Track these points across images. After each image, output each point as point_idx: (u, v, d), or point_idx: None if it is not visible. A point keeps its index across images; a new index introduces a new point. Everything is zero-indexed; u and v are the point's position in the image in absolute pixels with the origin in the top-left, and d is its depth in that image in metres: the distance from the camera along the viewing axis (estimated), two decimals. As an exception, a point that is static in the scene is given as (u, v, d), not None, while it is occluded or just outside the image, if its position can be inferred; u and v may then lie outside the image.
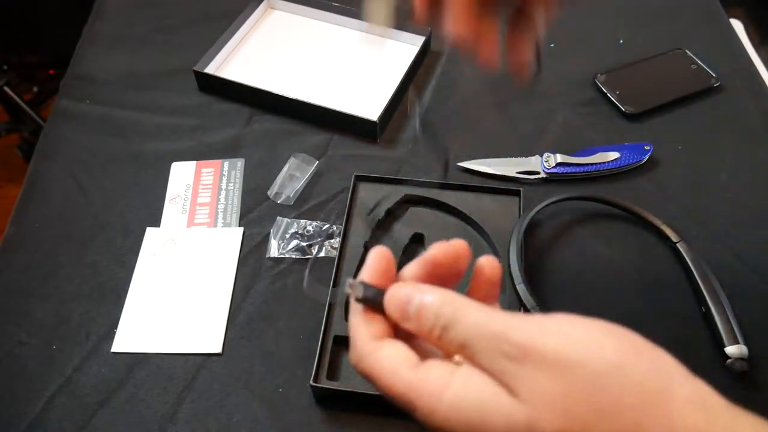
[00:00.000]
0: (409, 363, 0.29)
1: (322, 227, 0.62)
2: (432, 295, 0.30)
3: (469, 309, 0.29)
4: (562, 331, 0.27)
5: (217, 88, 0.74)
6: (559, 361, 0.26)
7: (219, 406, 0.52)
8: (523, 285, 0.55)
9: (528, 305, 0.54)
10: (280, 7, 0.84)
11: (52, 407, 0.52)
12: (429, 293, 0.30)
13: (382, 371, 0.29)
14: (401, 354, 0.30)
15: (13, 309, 0.58)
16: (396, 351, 0.30)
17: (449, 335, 0.29)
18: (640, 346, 0.27)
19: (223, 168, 0.68)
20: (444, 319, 0.29)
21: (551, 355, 0.26)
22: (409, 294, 0.30)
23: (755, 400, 0.52)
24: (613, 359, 0.26)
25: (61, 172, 0.68)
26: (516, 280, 0.56)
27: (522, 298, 0.54)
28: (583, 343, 0.26)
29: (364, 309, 0.32)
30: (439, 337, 0.29)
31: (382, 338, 0.31)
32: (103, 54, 0.80)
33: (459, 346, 0.29)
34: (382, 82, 0.74)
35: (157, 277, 0.60)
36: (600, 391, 0.25)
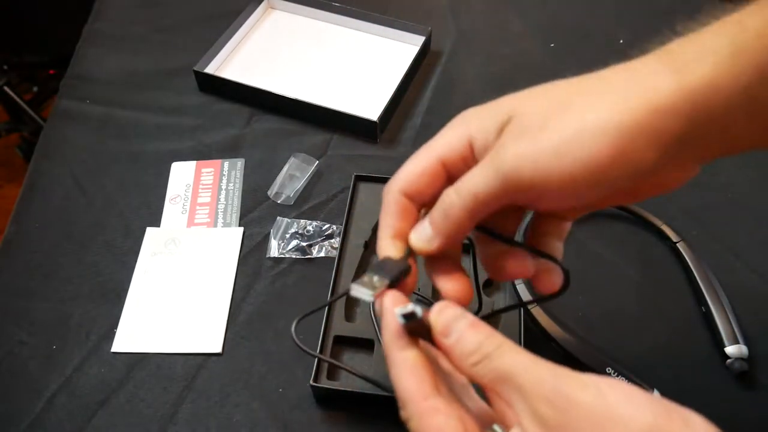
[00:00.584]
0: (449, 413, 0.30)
1: (322, 227, 0.62)
2: (480, 325, 0.31)
3: (515, 347, 0.30)
4: (599, 387, 0.27)
5: (217, 88, 0.74)
6: (604, 413, 0.27)
7: (219, 406, 0.52)
8: (524, 285, 0.55)
9: (528, 305, 0.54)
10: (280, 7, 0.84)
11: (52, 407, 0.52)
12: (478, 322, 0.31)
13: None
14: (452, 427, 0.30)
15: (13, 309, 0.58)
16: (449, 425, 0.30)
17: (488, 367, 0.29)
18: (671, 407, 0.27)
19: (223, 168, 0.68)
20: (488, 350, 0.30)
21: (588, 408, 0.27)
22: (457, 312, 0.32)
23: (755, 400, 0.52)
24: (649, 419, 0.26)
25: (61, 172, 0.68)
26: (516, 280, 0.55)
27: (522, 298, 0.54)
28: (622, 402, 0.27)
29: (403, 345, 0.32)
30: (476, 363, 0.30)
31: (434, 396, 0.31)
32: (103, 54, 0.80)
33: (493, 381, 0.29)
34: (382, 82, 0.74)
35: (157, 277, 0.60)
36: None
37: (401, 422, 0.31)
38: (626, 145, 0.29)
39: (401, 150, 0.69)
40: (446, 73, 0.77)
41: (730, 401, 0.52)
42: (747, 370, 0.52)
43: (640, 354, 0.54)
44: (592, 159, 0.29)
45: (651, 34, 0.36)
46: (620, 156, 0.29)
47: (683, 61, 0.29)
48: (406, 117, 0.72)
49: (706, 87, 0.28)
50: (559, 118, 0.30)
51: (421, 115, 0.72)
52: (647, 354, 0.54)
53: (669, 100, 0.28)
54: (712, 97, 0.28)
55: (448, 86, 0.76)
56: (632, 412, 0.26)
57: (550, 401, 0.27)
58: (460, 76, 0.77)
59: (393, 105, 0.71)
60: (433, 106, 0.73)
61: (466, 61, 0.79)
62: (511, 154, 0.31)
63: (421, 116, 0.72)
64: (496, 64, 0.78)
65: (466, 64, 0.78)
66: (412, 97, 0.74)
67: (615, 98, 0.29)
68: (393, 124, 0.71)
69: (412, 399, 0.31)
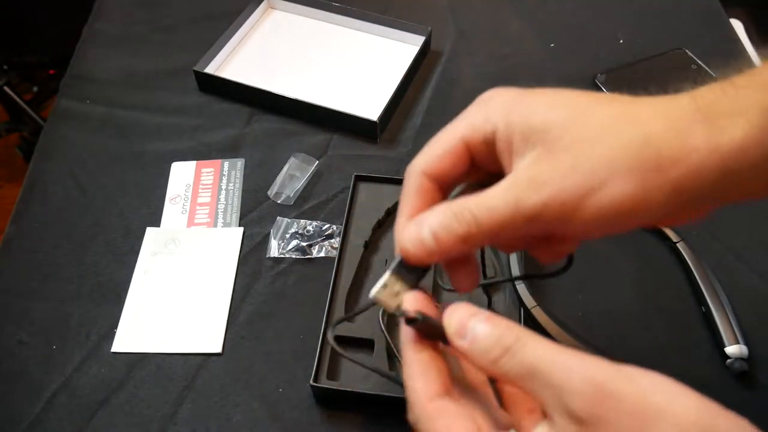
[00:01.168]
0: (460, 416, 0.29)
1: (322, 227, 0.62)
2: (495, 318, 0.30)
3: (536, 337, 0.28)
4: (636, 378, 0.26)
5: (217, 88, 0.74)
6: (645, 406, 0.25)
7: (219, 406, 0.52)
8: (524, 285, 0.55)
9: (528, 305, 0.54)
10: (280, 7, 0.84)
11: (52, 407, 0.52)
12: (493, 316, 0.30)
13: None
14: (461, 427, 0.29)
15: (13, 309, 0.58)
16: (456, 426, 0.29)
17: (510, 363, 0.28)
18: (713, 405, 0.26)
19: (223, 168, 0.68)
20: (507, 344, 0.28)
21: (626, 400, 0.25)
22: (471, 310, 0.30)
23: (755, 400, 0.52)
24: (693, 416, 0.25)
25: (61, 172, 0.68)
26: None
27: (522, 298, 0.54)
28: (664, 396, 0.26)
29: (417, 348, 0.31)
30: (495, 362, 0.28)
31: (441, 397, 0.30)
32: (103, 54, 0.80)
33: (517, 376, 0.28)
34: (382, 82, 0.74)
35: (157, 277, 0.60)
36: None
37: (409, 425, 0.31)
38: (653, 197, 0.29)
39: (401, 150, 0.69)
40: (446, 73, 0.77)
41: (730, 401, 0.52)
42: (747, 370, 0.52)
43: (640, 354, 0.54)
44: (615, 205, 0.29)
45: (651, 34, 0.36)
46: (644, 204, 0.29)
47: (717, 118, 0.29)
48: (406, 117, 0.72)
49: (737, 150, 0.29)
50: (594, 157, 0.30)
51: (421, 115, 0.72)
52: (647, 354, 0.54)
53: (703, 162, 0.29)
54: (741, 159, 0.29)
55: (448, 86, 0.76)
56: (677, 408, 0.25)
57: (583, 394, 0.25)
58: (460, 76, 0.77)
59: (393, 105, 0.71)
60: (433, 106, 0.73)
61: (466, 61, 0.79)
62: (536, 198, 0.30)
63: (421, 116, 0.72)
64: (496, 64, 0.78)
65: (466, 64, 0.78)
66: (412, 97, 0.74)
67: (652, 149, 0.29)
68: (393, 124, 0.71)
69: (419, 400, 0.30)
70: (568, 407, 0.26)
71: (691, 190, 0.29)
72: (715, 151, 0.29)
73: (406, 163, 0.68)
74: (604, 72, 0.75)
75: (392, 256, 0.58)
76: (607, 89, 0.73)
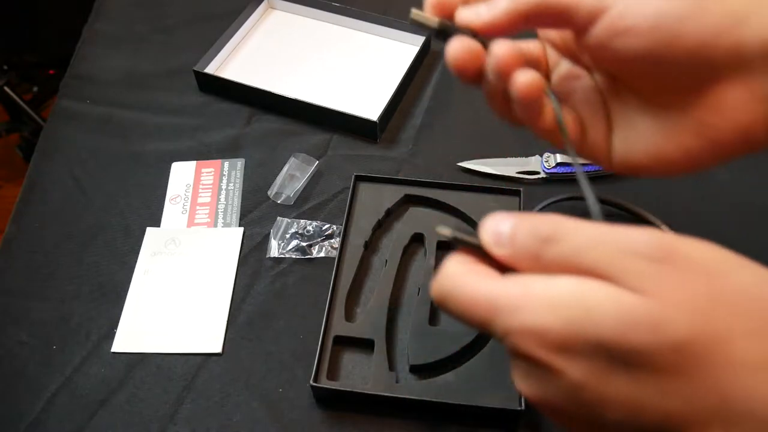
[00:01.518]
0: (491, 274, 0.27)
1: (322, 227, 0.62)
2: (528, 214, 0.27)
3: (574, 221, 0.26)
4: (701, 243, 0.25)
5: (217, 88, 0.74)
6: (707, 265, 0.24)
7: (219, 406, 0.52)
8: None
9: None
10: (280, 7, 0.84)
11: (52, 407, 0.52)
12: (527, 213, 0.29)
13: (462, 285, 0.27)
14: (483, 268, 0.27)
15: (13, 309, 0.58)
16: (476, 266, 0.27)
17: (553, 250, 0.25)
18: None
19: (223, 168, 0.68)
20: (545, 233, 0.26)
21: (699, 259, 0.24)
22: (502, 215, 0.28)
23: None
24: (764, 275, 0.24)
25: (61, 172, 0.68)
26: None
27: None
28: (729, 257, 0.24)
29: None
30: (538, 256, 0.26)
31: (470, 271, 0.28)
32: (103, 54, 0.80)
33: (566, 259, 0.25)
34: (382, 82, 0.74)
35: (157, 277, 0.60)
36: (751, 300, 0.23)
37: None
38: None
39: (401, 150, 0.69)
40: (446, 73, 0.77)
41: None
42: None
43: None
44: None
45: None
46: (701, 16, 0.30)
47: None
48: (406, 117, 0.72)
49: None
50: None
51: (421, 115, 0.72)
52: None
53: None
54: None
55: (448, 86, 0.75)
56: (744, 266, 0.24)
57: (644, 257, 0.23)
58: (460, 76, 0.77)
59: (393, 105, 0.71)
60: (433, 106, 0.73)
61: (466, 61, 0.78)
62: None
63: (421, 116, 0.72)
64: (496, 64, 0.78)
65: (466, 64, 0.78)
66: (412, 97, 0.74)
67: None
68: (393, 124, 0.71)
69: (444, 268, 0.28)
70: (635, 250, 0.24)
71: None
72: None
73: (407, 163, 0.69)
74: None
75: (392, 256, 0.59)
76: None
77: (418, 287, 0.57)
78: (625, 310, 0.23)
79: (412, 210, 0.62)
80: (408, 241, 0.60)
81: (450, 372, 0.52)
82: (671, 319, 0.23)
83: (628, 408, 0.23)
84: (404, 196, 0.62)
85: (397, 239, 0.60)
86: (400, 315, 0.56)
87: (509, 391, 0.50)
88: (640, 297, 0.23)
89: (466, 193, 0.63)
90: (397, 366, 0.53)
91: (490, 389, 0.50)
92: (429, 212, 0.62)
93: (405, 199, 0.63)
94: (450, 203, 0.62)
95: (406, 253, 0.59)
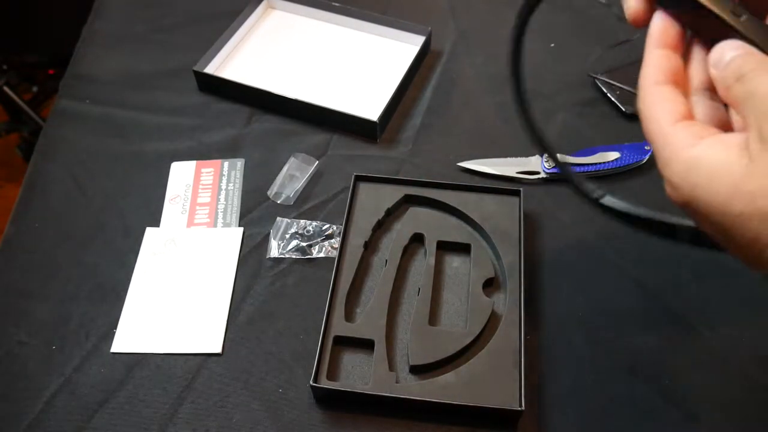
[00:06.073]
0: (672, 116, 0.31)
1: (322, 227, 0.62)
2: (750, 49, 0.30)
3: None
4: None
5: (217, 88, 0.74)
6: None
7: (219, 406, 0.52)
8: None
9: None
10: (280, 7, 0.84)
11: (52, 407, 0.52)
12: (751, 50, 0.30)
13: (649, 116, 0.31)
14: (669, 106, 0.31)
15: (13, 309, 0.58)
16: (668, 102, 0.31)
17: (737, 89, 0.29)
18: None
19: (223, 168, 0.68)
20: (743, 71, 0.29)
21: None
22: (736, 44, 0.30)
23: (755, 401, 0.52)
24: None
25: (61, 172, 0.68)
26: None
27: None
28: None
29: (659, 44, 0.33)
30: (728, 88, 0.29)
31: (664, 83, 0.32)
32: (103, 54, 0.80)
33: (744, 95, 0.29)
34: (382, 82, 0.74)
35: (157, 277, 0.60)
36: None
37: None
38: None
39: (401, 150, 0.69)
40: (446, 73, 0.77)
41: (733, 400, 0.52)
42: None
43: (640, 354, 0.54)
44: None
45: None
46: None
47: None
48: (406, 117, 0.72)
49: None
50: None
51: (421, 115, 0.72)
52: (647, 354, 0.54)
53: None
54: None
55: (448, 86, 0.76)
56: None
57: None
58: (460, 76, 0.77)
59: (393, 105, 0.71)
60: (433, 106, 0.73)
61: (466, 61, 0.79)
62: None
63: (421, 116, 0.72)
64: (496, 64, 0.78)
65: (466, 64, 0.78)
66: (412, 97, 0.74)
67: None
68: (393, 124, 0.71)
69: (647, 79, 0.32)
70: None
71: None
72: None
73: (407, 162, 0.69)
74: (604, 72, 0.75)
75: (392, 256, 0.59)
76: (607, 89, 0.73)
77: (418, 287, 0.57)
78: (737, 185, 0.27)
79: (411, 210, 0.62)
80: (408, 241, 0.60)
81: (450, 372, 0.52)
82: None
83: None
84: (404, 196, 0.62)
85: (397, 239, 0.60)
86: (400, 315, 0.56)
87: (509, 391, 0.50)
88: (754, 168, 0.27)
89: (466, 193, 0.63)
90: (397, 366, 0.53)
91: (490, 389, 0.50)
92: (429, 212, 0.62)
93: (405, 199, 0.63)
94: (450, 203, 0.62)
95: (406, 253, 0.59)
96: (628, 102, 0.72)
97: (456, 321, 0.56)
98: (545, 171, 0.65)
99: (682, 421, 0.51)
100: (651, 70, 0.33)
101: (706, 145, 0.29)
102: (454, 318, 0.56)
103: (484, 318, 0.54)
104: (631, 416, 0.51)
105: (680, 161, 0.29)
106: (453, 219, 0.62)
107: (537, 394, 0.52)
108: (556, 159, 0.43)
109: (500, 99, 0.73)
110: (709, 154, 0.29)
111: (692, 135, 0.29)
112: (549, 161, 0.66)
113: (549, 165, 0.65)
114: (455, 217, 0.62)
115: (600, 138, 0.69)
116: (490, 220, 0.60)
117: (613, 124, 0.71)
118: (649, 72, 0.33)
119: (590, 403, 0.52)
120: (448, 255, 0.60)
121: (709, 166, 0.28)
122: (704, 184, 0.28)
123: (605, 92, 0.73)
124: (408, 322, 0.55)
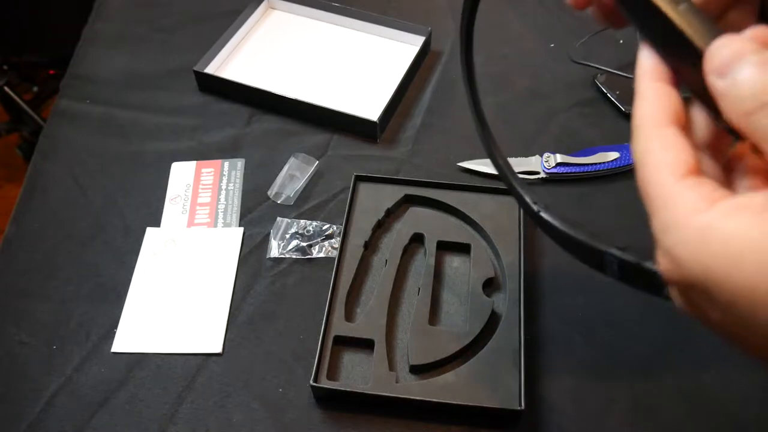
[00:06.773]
0: (677, 169, 0.25)
1: (322, 227, 0.62)
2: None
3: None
4: None
5: (217, 88, 0.74)
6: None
7: (219, 406, 0.52)
8: None
9: None
10: (280, 7, 0.84)
11: (52, 407, 0.52)
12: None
13: (647, 164, 0.26)
14: (673, 156, 0.25)
15: (13, 309, 0.58)
16: (672, 150, 0.25)
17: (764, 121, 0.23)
18: None
19: (223, 168, 0.68)
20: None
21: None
22: (746, 47, 0.24)
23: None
24: None
25: (61, 172, 0.68)
26: None
27: None
28: None
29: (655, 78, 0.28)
30: (750, 114, 0.23)
31: (667, 125, 0.26)
32: (103, 54, 0.80)
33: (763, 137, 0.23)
34: (382, 82, 0.74)
35: (157, 277, 0.60)
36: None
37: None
38: None
39: (401, 150, 0.69)
40: (446, 73, 0.77)
41: (735, 400, 0.52)
42: (747, 370, 0.52)
43: (641, 354, 0.54)
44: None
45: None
46: None
47: None
48: (406, 117, 0.72)
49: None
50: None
51: (421, 115, 0.72)
52: (647, 354, 0.54)
53: None
54: None
55: (448, 86, 0.76)
56: None
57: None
58: (460, 76, 0.77)
59: (393, 105, 0.71)
60: (433, 106, 0.73)
61: (466, 61, 0.78)
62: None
63: (421, 116, 0.72)
64: (496, 64, 0.78)
65: (466, 64, 0.78)
66: (412, 97, 0.74)
67: None
68: (393, 124, 0.71)
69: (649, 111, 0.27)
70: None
71: None
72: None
73: (406, 163, 0.69)
74: (604, 72, 0.75)
75: (392, 256, 0.59)
76: (607, 89, 0.73)
77: (418, 287, 0.57)
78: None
79: (411, 210, 0.62)
80: (408, 241, 0.60)
81: (450, 372, 0.52)
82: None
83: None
84: (404, 196, 0.62)
85: (397, 239, 0.60)
86: (400, 315, 0.56)
87: (509, 391, 0.50)
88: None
89: (465, 193, 0.63)
90: (397, 366, 0.53)
91: (490, 389, 0.51)
92: (429, 212, 0.62)
93: (405, 199, 0.63)
94: (450, 203, 0.62)
95: (406, 253, 0.59)
96: (628, 102, 0.72)
97: (456, 321, 0.56)
98: (545, 171, 0.65)
99: (683, 421, 0.51)
100: (650, 107, 0.27)
101: (725, 210, 0.23)
102: (454, 318, 0.56)
103: (484, 318, 0.54)
104: (631, 416, 0.51)
105: (689, 229, 0.23)
106: (453, 219, 0.62)
107: (537, 394, 0.52)
108: (496, 162, 0.40)
109: (500, 99, 0.73)
110: (730, 223, 0.23)
111: (702, 197, 0.24)
112: (548, 161, 0.66)
113: (549, 165, 0.65)
114: (455, 217, 0.62)
115: (600, 138, 0.69)
116: (490, 220, 0.60)
117: (613, 124, 0.71)
118: (647, 110, 0.27)
119: (590, 403, 0.52)
120: (448, 255, 0.60)
121: (731, 238, 0.22)
122: (725, 262, 0.22)
123: (605, 92, 0.73)
124: (408, 322, 0.55)
